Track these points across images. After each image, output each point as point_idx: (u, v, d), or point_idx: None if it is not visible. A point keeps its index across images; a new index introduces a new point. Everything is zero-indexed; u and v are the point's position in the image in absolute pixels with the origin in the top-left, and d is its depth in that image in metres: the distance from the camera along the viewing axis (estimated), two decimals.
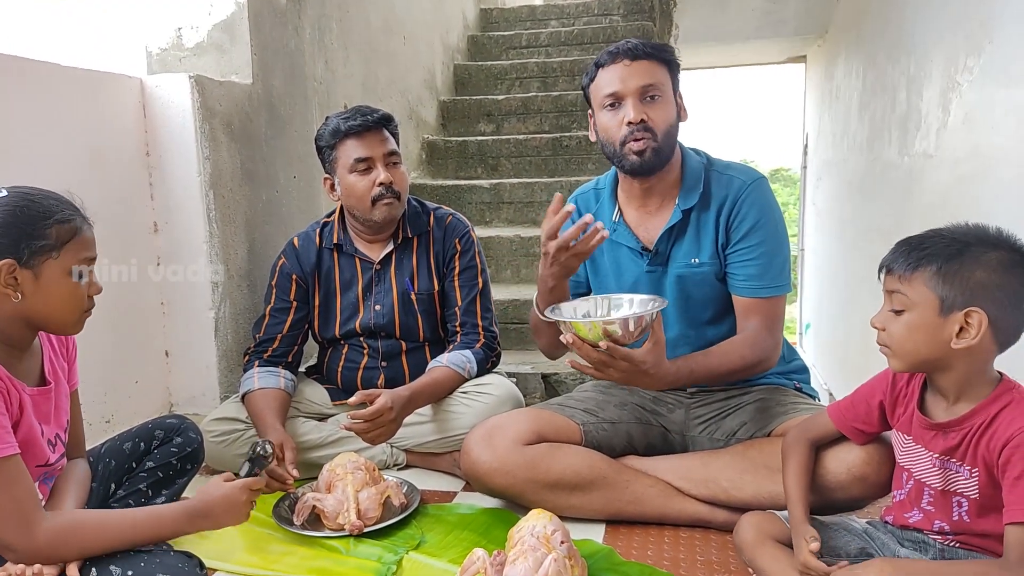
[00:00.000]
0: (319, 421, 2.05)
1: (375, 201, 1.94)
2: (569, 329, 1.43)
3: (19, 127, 1.82)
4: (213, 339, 2.28)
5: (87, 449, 1.51)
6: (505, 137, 4.03)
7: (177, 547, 1.34)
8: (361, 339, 2.07)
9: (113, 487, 1.54)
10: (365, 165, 1.94)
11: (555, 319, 1.49)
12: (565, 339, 1.44)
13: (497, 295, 2.51)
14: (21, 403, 1.24)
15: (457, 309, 2.04)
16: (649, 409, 1.79)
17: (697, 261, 1.69)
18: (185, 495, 1.62)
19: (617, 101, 1.64)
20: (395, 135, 2.01)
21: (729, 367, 1.61)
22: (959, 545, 1.24)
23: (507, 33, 5.09)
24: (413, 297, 2.04)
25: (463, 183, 3.71)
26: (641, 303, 1.54)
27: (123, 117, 2.15)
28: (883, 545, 1.31)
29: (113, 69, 2.19)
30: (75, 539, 1.21)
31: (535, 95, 4.25)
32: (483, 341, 2.03)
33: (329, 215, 2.12)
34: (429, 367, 1.97)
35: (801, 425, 1.48)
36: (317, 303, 2.08)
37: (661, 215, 1.72)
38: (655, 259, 1.72)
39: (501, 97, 4.33)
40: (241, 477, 1.42)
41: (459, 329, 2.04)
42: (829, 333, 6.02)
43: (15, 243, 1.19)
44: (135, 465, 1.58)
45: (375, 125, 1.95)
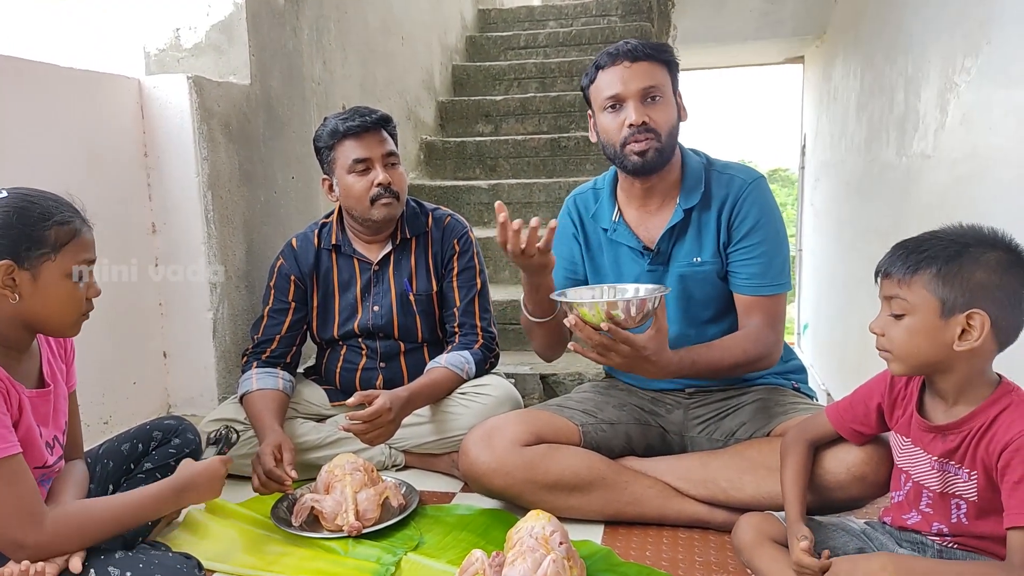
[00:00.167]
0: (317, 422, 2.05)
1: (374, 201, 1.94)
2: (573, 311, 1.44)
3: (17, 128, 1.81)
4: (211, 340, 2.28)
5: (85, 451, 1.51)
6: (503, 138, 4.03)
7: (176, 548, 1.34)
8: (359, 340, 2.07)
9: (111, 488, 1.54)
10: (363, 166, 1.94)
11: (560, 300, 1.51)
12: (568, 321, 1.45)
13: (495, 296, 2.51)
14: (20, 404, 1.24)
15: (455, 310, 2.04)
16: (648, 410, 1.79)
17: (699, 260, 1.70)
18: None
19: (618, 103, 1.64)
20: (393, 136, 2.01)
21: (731, 361, 1.61)
22: (957, 546, 1.24)
23: (505, 34, 5.09)
24: (411, 298, 2.04)
25: (461, 184, 3.70)
26: (646, 292, 1.55)
27: (121, 118, 2.14)
28: (881, 545, 1.31)
29: (111, 70, 2.18)
30: (77, 528, 1.23)
31: (533, 96, 4.25)
32: (481, 342, 2.03)
33: (327, 216, 2.12)
34: (427, 368, 1.97)
35: (800, 425, 1.48)
36: (315, 304, 2.08)
37: (662, 215, 1.73)
38: (656, 258, 1.72)
39: (499, 98, 4.33)
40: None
41: (457, 330, 2.04)
42: (827, 333, 6.02)
43: (13, 244, 1.19)
44: (133, 466, 1.58)
45: (373, 126, 1.95)
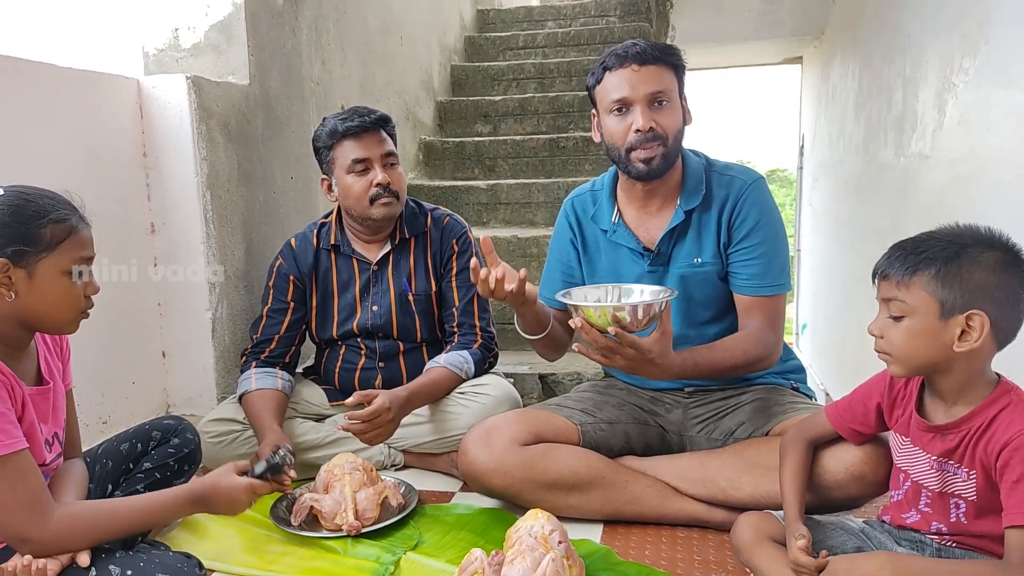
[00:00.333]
0: (316, 422, 2.05)
1: (373, 200, 1.94)
2: (579, 313, 1.45)
3: (16, 127, 1.81)
4: (210, 340, 2.28)
5: (84, 450, 1.51)
6: (502, 138, 4.03)
7: (176, 547, 1.34)
8: (358, 340, 2.07)
9: (110, 488, 1.54)
10: (363, 166, 1.94)
11: (566, 303, 1.51)
12: (574, 323, 1.45)
13: None
14: (23, 401, 1.24)
15: (455, 310, 2.04)
16: (647, 409, 1.79)
17: (699, 261, 1.70)
18: None
19: (625, 107, 1.63)
20: (392, 136, 2.01)
21: (732, 361, 1.61)
22: (956, 545, 1.24)
23: (504, 34, 5.09)
24: (411, 298, 2.04)
25: (460, 184, 3.70)
26: (652, 293, 1.56)
27: (120, 118, 2.14)
28: (880, 544, 1.31)
29: (110, 70, 2.18)
30: (84, 526, 1.23)
31: (532, 96, 4.25)
32: (480, 341, 2.03)
33: (326, 216, 2.12)
34: (427, 368, 1.97)
35: (799, 425, 1.48)
36: (314, 304, 2.07)
37: (662, 216, 1.73)
38: (656, 259, 1.72)
39: (498, 98, 4.33)
40: (254, 475, 1.43)
41: (456, 330, 2.04)
42: (825, 333, 6.02)
43: (8, 242, 1.19)
44: (132, 466, 1.58)
45: (372, 126, 1.95)
